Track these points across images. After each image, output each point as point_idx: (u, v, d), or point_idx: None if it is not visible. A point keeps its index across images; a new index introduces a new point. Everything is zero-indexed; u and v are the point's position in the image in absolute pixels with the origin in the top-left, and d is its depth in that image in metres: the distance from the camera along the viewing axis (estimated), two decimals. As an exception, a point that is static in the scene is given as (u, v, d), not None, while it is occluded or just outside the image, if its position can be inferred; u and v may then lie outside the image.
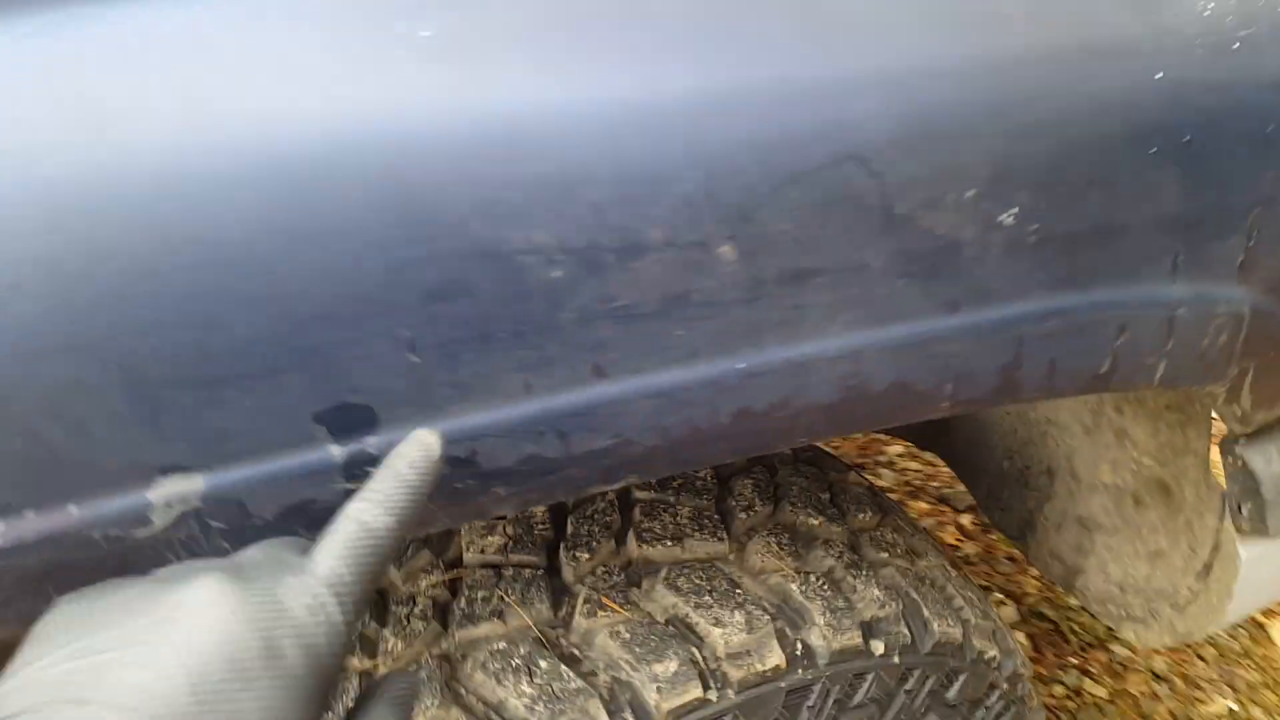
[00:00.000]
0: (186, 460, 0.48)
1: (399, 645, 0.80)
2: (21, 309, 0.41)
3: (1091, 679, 1.86)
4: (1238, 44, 0.56)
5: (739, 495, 0.93)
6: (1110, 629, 1.84)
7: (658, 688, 0.77)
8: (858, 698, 0.87)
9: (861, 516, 0.98)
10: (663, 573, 0.83)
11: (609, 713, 0.75)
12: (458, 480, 0.52)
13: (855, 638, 0.85)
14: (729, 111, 0.48)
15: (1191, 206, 0.56)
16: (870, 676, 0.87)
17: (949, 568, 1.01)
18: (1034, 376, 0.59)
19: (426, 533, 0.57)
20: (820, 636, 0.83)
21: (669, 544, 0.86)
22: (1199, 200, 0.56)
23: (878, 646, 0.87)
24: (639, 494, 0.91)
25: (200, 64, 0.43)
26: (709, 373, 0.53)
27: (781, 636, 0.82)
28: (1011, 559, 2.12)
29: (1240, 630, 1.95)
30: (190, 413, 0.47)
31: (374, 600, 0.85)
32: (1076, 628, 1.94)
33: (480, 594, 0.82)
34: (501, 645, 0.79)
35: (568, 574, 0.84)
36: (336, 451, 0.49)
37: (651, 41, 0.47)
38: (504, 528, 0.87)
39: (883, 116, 0.50)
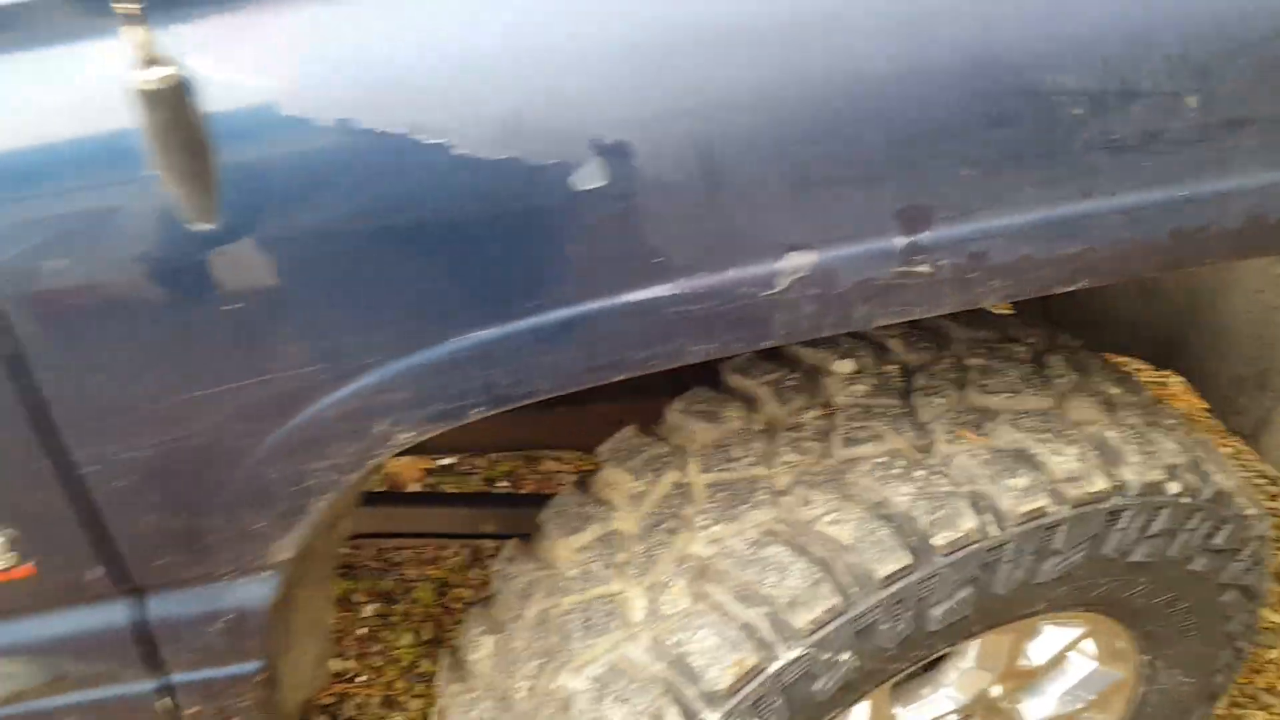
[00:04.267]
0: (807, 241, 0.67)
1: (794, 456, 1.00)
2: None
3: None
4: None
5: (1053, 366, 1.10)
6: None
7: (1012, 495, 0.95)
8: (1153, 528, 1.04)
9: (1146, 391, 1.15)
10: (1005, 415, 1.02)
11: (975, 511, 0.94)
12: (970, 271, 0.71)
13: (1159, 475, 1.02)
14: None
15: None
16: (1165, 512, 1.04)
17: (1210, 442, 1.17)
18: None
19: (925, 315, 0.75)
20: (1133, 472, 1.00)
21: (1006, 395, 1.04)
22: None
23: (1174, 486, 1.04)
24: (971, 361, 1.09)
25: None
26: (1160, 197, 0.71)
27: (1104, 469, 0.99)
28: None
29: None
30: (816, 207, 0.66)
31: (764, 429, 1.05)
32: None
33: (855, 424, 1.01)
34: (882, 459, 0.98)
35: (924, 414, 1.02)
36: (899, 242, 0.69)
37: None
38: (862, 380, 1.07)
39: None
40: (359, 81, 0.59)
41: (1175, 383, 2.27)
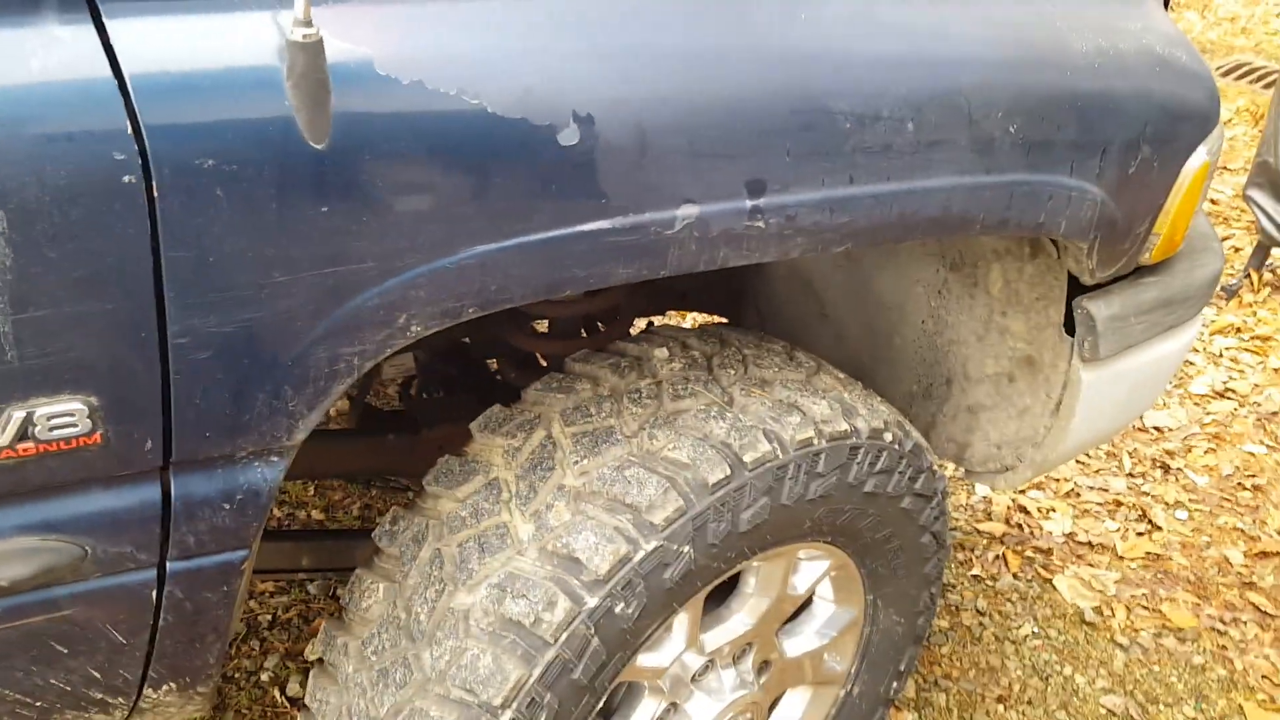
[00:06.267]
0: (694, 196, 1.02)
1: (637, 410, 1.31)
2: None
3: (937, 616, 2.49)
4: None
5: (799, 357, 1.51)
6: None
7: (790, 429, 1.32)
8: (878, 466, 1.44)
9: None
10: (777, 382, 1.40)
11: (768, 440, 1.29)
12: (786, 230, 1.09)
13: (880, 425, 1.43)
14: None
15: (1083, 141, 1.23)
16: (885, 454, 1.44)
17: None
18: (1017, 218, 1.23)
19: (758, 261, 1.11)
20: (863, 422, 1.41)
21: (775, 370, 1.42)
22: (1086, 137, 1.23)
23: (889, 436, 1.45)
24: (746, 351, 1.47)
25: None
26: (892, 188, 1.13)
27: (844, 417, 1.39)
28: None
29: (1034, 580, 2.66)
30: (701, 173, 1.02)
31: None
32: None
33: (678, 388, 1.35)
34: (702, 408, 1.32)
35: (725, 381, 1.38)
36: (747, 204, 1.05)
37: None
38: (677, 361, 1.41)
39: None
40: (428, 56, 0.88)
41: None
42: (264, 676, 2.16)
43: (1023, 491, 2.97)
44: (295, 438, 0.97)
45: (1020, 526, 2.84)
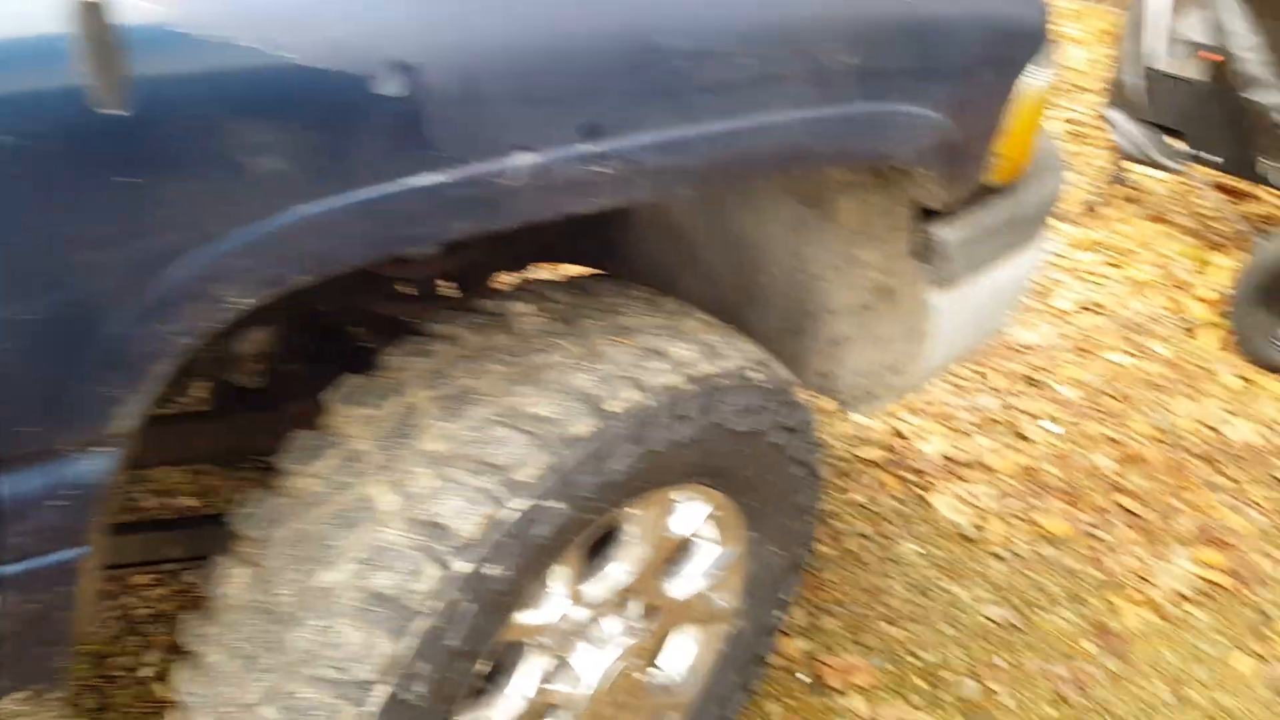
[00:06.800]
0: (530, 144, 0.99)
1: (498, 368, 1.28)
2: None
3: (821, 544, 2.55)
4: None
5: (663, 303, 1.49)
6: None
7: (655, 374, 1.31)
8: (746, 404, 1.45)
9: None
10: (640, 330, 1.38)
11: (635, 387, 1.28)
12: (629, 172, 1.07)
13: (745, 364, 1.43)
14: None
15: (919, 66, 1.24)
16: (753, 391, 1.45)
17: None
18: (859, 148, 1.23)
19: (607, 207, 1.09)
20: (729, 362, 1.41)
21: (637, 318, 1.41)
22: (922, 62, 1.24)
23: (754, 374, 1.46)
24: (608, 300, 1.45)
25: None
26: (732, 126, 1.11)
27: (709, 358, 1.39)
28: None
29: (912, 501, 2.73)
30: (535, 120, 0.99)
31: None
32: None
33: (540, 342, 1.32)
34: (564, 361, 1.30)
35: (588, 332, 1.36)
36: (585, 148, 1.03)
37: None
38: (538, 316, 1.38)
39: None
40: (231, 10, 0.83)
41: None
42: (145, 672, 2.09)
43: (898, 415, 3.04)
44: (121, 426, 0.91)
45: (897, 450, 2.91)
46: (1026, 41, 1.40)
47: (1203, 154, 3.94)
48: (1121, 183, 4.61)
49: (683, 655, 1.74)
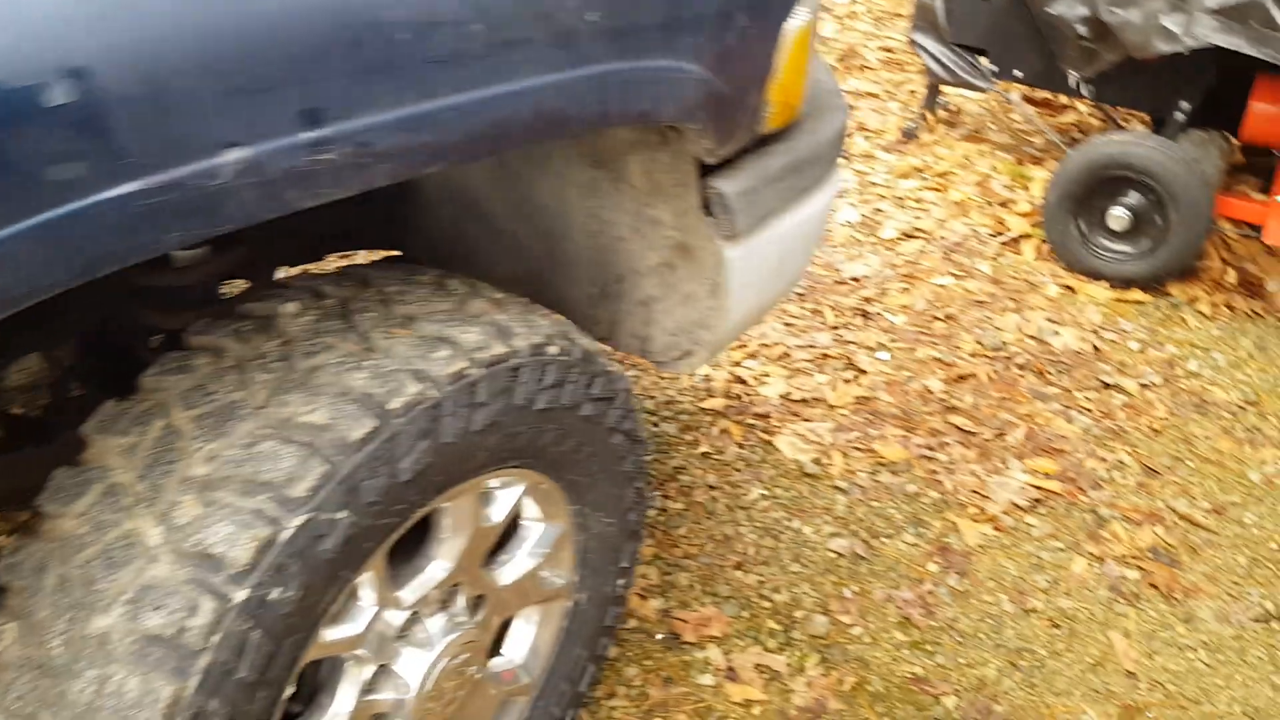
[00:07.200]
0: (239, 139, 0.91)
1: (265, 377, 1.20)
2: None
3: (671, 499, 2.55)
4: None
5: (451, 285, 1.43)
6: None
7: (440, 364, 1.25)
8: (546, 380, 1.40)
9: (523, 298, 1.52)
10: (423, 316, 1.32)
11: (416, 379, 1.22)
12: (362, 157, 0.99)
13: (541, 340, 1.38)
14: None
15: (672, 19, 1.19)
16: (552, 367, 1.40)
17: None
18: (619, 109, 1.18)
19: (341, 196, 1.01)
20: (522, 340, 1.35)
21: (420, 304, 1.34)
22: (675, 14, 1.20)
23: (553, 349, 1.41)
24: (389, 289, 1.38)
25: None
26: (476, 97, 1.05)
27: (501, 339, 1.33)
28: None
29: (758, 445, 2.75)
30: (242, 113, 0.90)
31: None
32: (653, 475, 2.62)
33: (310, 344, 1.25)
34: (338, 361, 1.22)
35: (363, 326, 1.28)
36: (305, 136, 0.95)
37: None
38: (308, 314, 1.30)
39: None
40: None
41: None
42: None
43: (740, 363, 3.06)
44: None
45: (739, 397, 2.93)
46: (787, -17, 1.38)
47: (1010, 71, 4.05)
48: (938, 107, 4.72)
49: (521, 639, 1.70)
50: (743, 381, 2.99)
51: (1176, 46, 3.33)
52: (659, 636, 2.18)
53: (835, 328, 3.26)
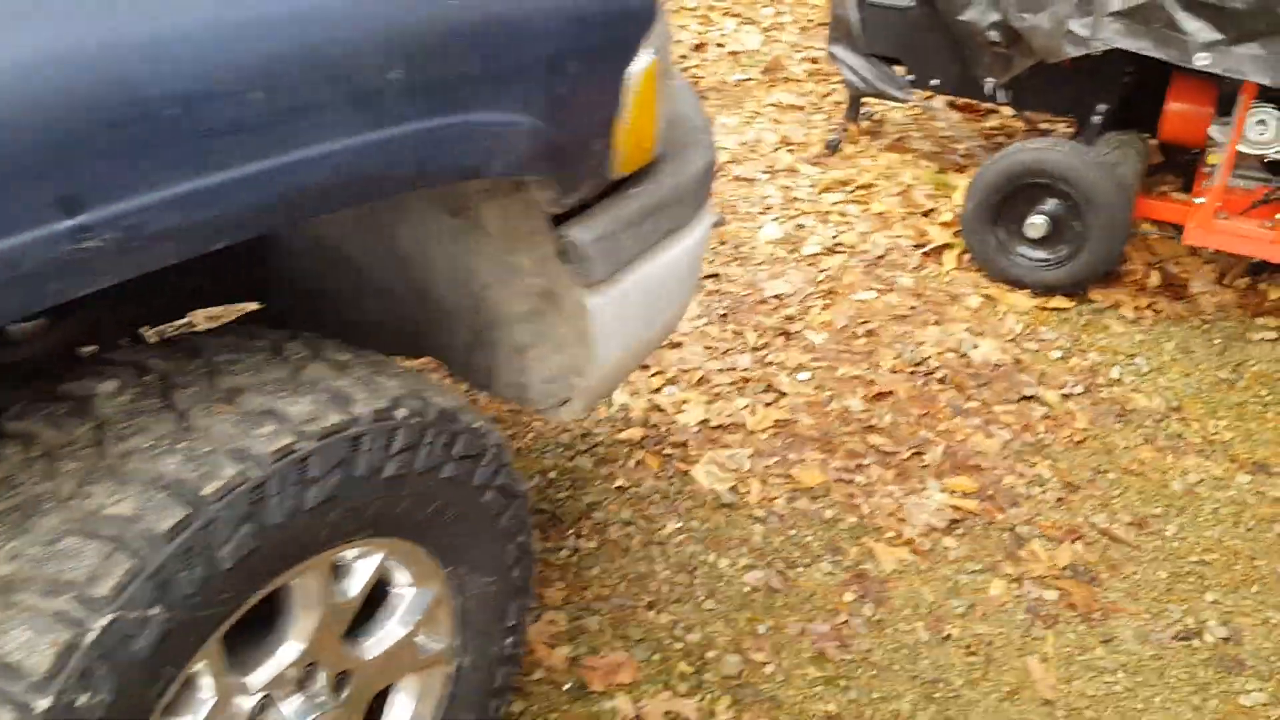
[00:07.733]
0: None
1: (74, 465, 1.13)
2: None
3: (584, 539, 2.48)
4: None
5: (290, 349, 1.36)
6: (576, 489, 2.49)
7: (262, 440, 1.18)
8: (395, 447, 1.33)
9: (374, 354, 1.46)
10: (251, 388, 1.25)
11: (235, 460, 1.15)
12: (134, 241, 0.93)
13: (385, 404, 1.32)
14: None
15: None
16: (400, 432, 1.33)
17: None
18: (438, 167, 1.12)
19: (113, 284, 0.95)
20: (363, 406, 1.29)
21: (250, 374, 1.27)
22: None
23: (401, 412, 1.34)
24: (219, 358, 1.31)
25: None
26: (264, 166, 0.99)
27: (337, 408, 1.27)
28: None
29: (674, 476, 2.70)
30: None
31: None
32: (566, 513, 2.56)
33: (123, 426, 1.17)
34: (150, 445, 1.15)
35: (182, 403, 1.21)
36: (65, 225, 0.88)
37: None
38: (126, 393, 1.23)
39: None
40: None
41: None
42: None
43: (657, 390, 3.01)
44: None
45: (657, 426, 2.87)
46: (631, 24, 1.32)
47: (927, 80, 4.04)
48: (862, 117, 4.70)
49: (401, 710, 1.63)
50: (661, 410, 2.94)
51: (1085, 50, 3.32)
52: (566, 686, 2.12)
53: (757, 349, 3.22)
